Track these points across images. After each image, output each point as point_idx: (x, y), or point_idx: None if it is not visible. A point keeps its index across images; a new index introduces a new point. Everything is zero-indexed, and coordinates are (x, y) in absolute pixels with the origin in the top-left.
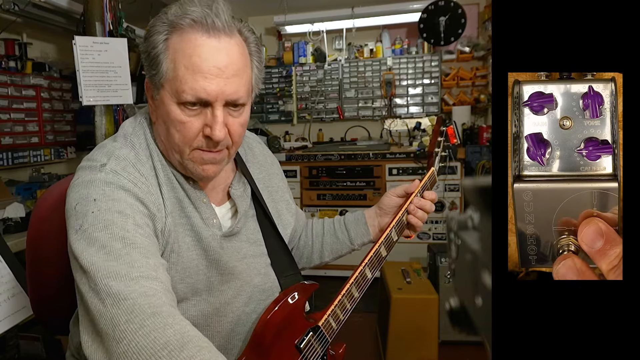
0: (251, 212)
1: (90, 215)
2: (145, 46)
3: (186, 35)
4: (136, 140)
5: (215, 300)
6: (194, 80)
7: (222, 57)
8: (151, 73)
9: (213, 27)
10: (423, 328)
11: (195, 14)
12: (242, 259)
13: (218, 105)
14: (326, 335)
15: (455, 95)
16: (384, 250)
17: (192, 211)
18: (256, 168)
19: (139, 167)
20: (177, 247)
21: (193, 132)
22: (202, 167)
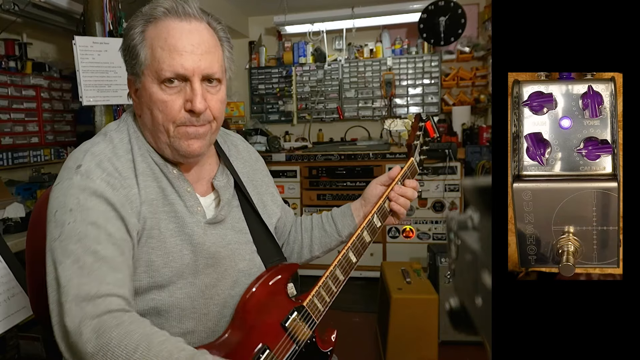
0: (235, 203)
1: (67, 226)
2: (124, 43)
3: (160, 23)
4: (116, 135)
5: (200, 282)
6: (171, 57)
7: (195, 36)
8: (132, 64)
9: (184, 13)
10: (423, 328)
11: (167, 4)
12: (226, 245)
13: (196, 80)
14: (312, 316)
15: (455, 95)
16: (367, 235)
17: (175, 199)
18: (240, 163)
19: (113, 161)
20: (157, 233)
21: (175, 109)
22: (188, 143)
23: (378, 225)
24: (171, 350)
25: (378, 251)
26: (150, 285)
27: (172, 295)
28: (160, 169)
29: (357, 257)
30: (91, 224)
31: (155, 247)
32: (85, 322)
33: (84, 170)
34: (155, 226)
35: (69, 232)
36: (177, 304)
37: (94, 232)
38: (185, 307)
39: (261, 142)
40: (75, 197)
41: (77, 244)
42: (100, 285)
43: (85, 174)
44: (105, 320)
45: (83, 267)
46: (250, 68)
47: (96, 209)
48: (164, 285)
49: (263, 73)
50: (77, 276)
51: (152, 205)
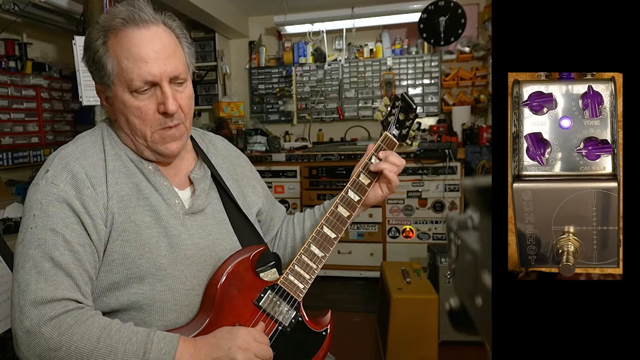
0: (214, 195)
1: (29, 231)
2: (87, 55)
3: (120, 34)
4: (88, 138)
5: (180, 274)
6: (138, 67)
7: (156, 42)
8: (99, 75)
9: (141, 20)
10: (423, 328)
11: (123, 14)
12: (207, 236)
13: (164, 83)
14: (290, 294)
15: (455, 95)
16: (344, 210)
17: (151, 193)
18: (219, 159)
19: (81, 161)
20: (131, 226)
21: (150, 113)
22: (166, 146)
23: (356, 200)
24: (129, 334)
25: (378, 251)
26: (128, 277)
27: (152, 288)
28: (135, 165)
29: (335, 233)
30: (50, 230)
31: (129, 240)
32: (45, 322)
33: (50, 174)
34: (127, 220)
35: (30, 237)
36: (158, 296)
37: (52, 239)
38: (166, 299)
39: (261, 142)
40: (39, 202)
41: (37, 250)
42: (56, 290)
43: (51, 178)
44: (64, 318)
45: (41, 272)
46: (250, 68)
47: (57, 215)
48: (143, 277)
49: (263, 73)
50: (35, 281)
51: (123, 200)
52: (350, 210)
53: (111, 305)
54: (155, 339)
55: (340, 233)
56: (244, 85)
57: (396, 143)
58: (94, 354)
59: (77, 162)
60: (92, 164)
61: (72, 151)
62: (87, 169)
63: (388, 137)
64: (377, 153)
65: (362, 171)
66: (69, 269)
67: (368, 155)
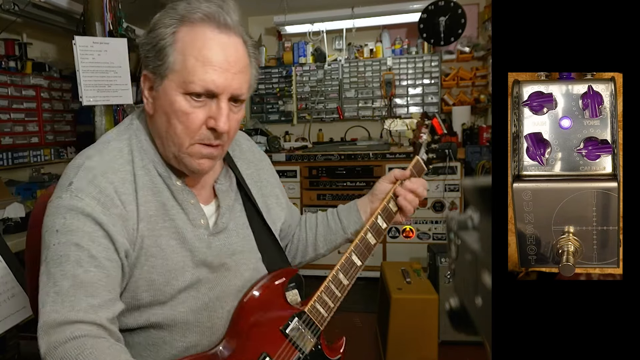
0: (239, 207)
1: (52, 248)
2: (149, 38)
3: (197, 29)
4: (115, 146)
5: (203, 296)
6: (204, 71)
7: (232, 53)
8: (155, 64)
9: (225, 24)
10: (423, 328)
11: (207, 10)
12: (231, 255)
13: (224, 98)
14: (315, 322)
15: (455, 95)
16: (372, 237)
17: (177, 213)
18: (244, 164)
19: (108, 175)
20: (157, 251)
21: (197, 123)
22: (199, 162)
23: (383, 227)
24: None
25: (378, 251)
26: (151, 302)
27: (174, 309)
28: (163, 181)
29: (361, 260)
30: (74, 245)
31: (155, 266)
32: (50, 351)
33: (75, 187)
34: (154, 244)
35: (53, 255)
36: (180, 318)
37: (75, 254)
38: (188, 321)
39: (261, 142)
40: (62, 217)
41: (58, 268)
42: (69, 312)
43: (75, 192)
44: (67, 349)
45: (59, 292)
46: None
47: (81, 229)
48: (166, 302)
49: (263, 73)
50: (52, 302)
51: (151, 222)
52: (378, 237)
53: (129, 325)
54: None
55: (365, 261)
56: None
57: (424, 169)
58: None
59: (104, 177)
60: (122, 178)
61: (98, 163)
62: (117, 185)
63: (419, 162)
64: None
65: (393, 197)
66: (92, 287)
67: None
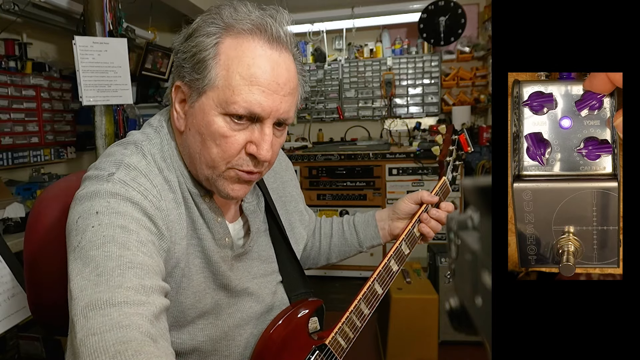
0: (264, 227)
1: (90, 230)
2: (186, 46)
3: (245, 42)
4: (148, 149)
5: (223, 324)
6: (250, 92)
7: (283, 72)
8: (193, 77)
9: (277, 39)
10: (423, 328)
11: (258, 20)
12: (252, 279)
13: (269, 123)
14: (335, 354)
15: (455, 95)
16: (395, 265)
17: (204, 232)
18: (271, 176)
19: (151, 177)
20: (188, 271)
21: (235, 148)
22: (232, 187)
23: (406, 253)
24: None
25: (378, 251)
26: (171, 324)
27: (193, 337)
28: (192, 198)
29: (383, 289)
30: (120, 227)
31: (184, 287)
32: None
33: (118, 178)
34: (186, 263)
35: (92, 237)
36: (197, 346)
37: (122, 236)
38: (206, 349)
39: None
40: (105, 200)
41: (99, 250)
42: (116, 290)
43: (120, 182)
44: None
45: (102, 274)
46: None
47: (129, 214)
48: (185, 326)
49: None
50: (93, 284)
51: (185, 238)
52: (400, 264)
53: None
54: None
55: (386, 290)
56: None
57: (450, 191)
58: None
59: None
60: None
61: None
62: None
63: (446, 184)
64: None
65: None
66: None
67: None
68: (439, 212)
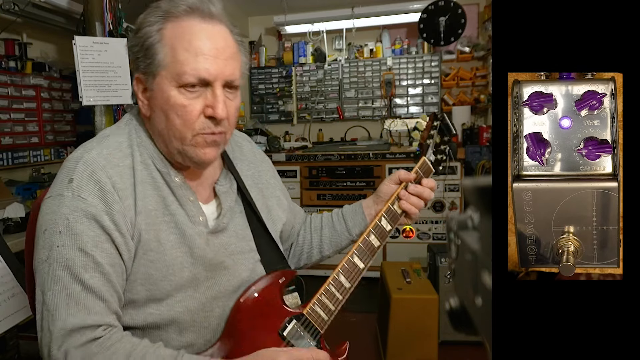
0: (239, 209)
1: (55, 250)
2: (136, 39)
3: (182, 22)
4: (114, 140)
5: (201, 296)
6: (196, 61)
7: (220, 40)
8: (145, 63)
9: (209, 14)
10: (423, 328)
11: (191, 2)
12: (230, 255)
13: (218, 85)
14: (314, 325)
15: (455, 95)
16: (375, 239)
17: (176, 209)
18: (245, 165)
19: (107, 170)
20: (156, 246)
21: (194, 114)
22: (204, 151)
23: (387, 229)
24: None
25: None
26: (147, 298)
27: (171, 309)
28: (162, 177)
29: (364, 263)
30: (80, 250)
31: (154, 260)
32: (71, 351)
33: (76, 185)
34: (153, 238)
35: (57, 256)
36: (176, 317)
37: (81, 260)
38: (184, 320)
39: (261, 142)
40: (65, 219)
41: (65, 271)
42: (87, 316)
43: (77, 190)
44: (90, 347)
45: (70, 295)
46: (250, 68)
47: (85, 233)
48: (162, 298)
49: (263, 73)
50: (65, 305)
51: (150, 216)
52: (381, 240)
53: (126, 323)
54: None
55: (368, 264)
56: (244, 85)
57: (432, 170)
58: None
59: (103, 171)
60: (119, 173)
61: (97, 157)
62: (115, 180)
63: (426, 163)
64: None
65: (397, 199)
66: (100, 291)
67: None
68: (417, 187)
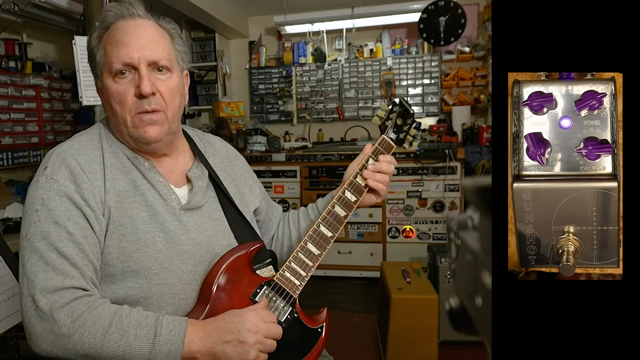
0: (211, 194)
1: (33, 225)
2: (88, 50)
3: (112, 27)
4: (85, 136)
5: (176, 268)
6: (118, 50)
7: (139, 30)
8: (92, 67)
9: (129, 14)
10: (423, 328)
11: (115, 9)
12: (203, 232)
13: (142, 66)
14: (287, 290)
15: (455, 95)
16: (340, 210)
17: (147, 189)
18: (217, 159)
19: (77, 157)
20: (128, 221)
21: (128, 97)
22: (144, 129)
23: (353, 200)
24: (139, 318)
25: (378, 251)
26: (124, 270)
27: (149, 281)
28: (131, 162)
29: (331, 231)
30: (54, 222)
31: (125, 234)
32: (56, 309)
33: (49, 171)
34: (123, 214)
35: (34, 231)
36: (155, 290)
37: (55, 231)
38: (163, 292)
39: (261, 142)
40: (40, 198)
41: (41, 242)
42: (64, 279)
43: (50, 174)
44: (75, 305)
45: (48, 262)
46: (250, 68)
47: (58, 208)
48: (139, 271)
49: (263, 73)
50: (43, 271)
51: (120, 195)
52: (347, 210)
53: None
54: (164, 322)
55: (337, 232)
56: (244, 85)
57: (393, 146)
58: (106, 338)
59: (72, 158)
60: (89, 160)
61: (68, 148)
62: (83, 165)
63: (385, 140)
64: (374, 155)
65: (360, 172)
66: (74, 259)
67: (365, 156)
68: (375, 164)
